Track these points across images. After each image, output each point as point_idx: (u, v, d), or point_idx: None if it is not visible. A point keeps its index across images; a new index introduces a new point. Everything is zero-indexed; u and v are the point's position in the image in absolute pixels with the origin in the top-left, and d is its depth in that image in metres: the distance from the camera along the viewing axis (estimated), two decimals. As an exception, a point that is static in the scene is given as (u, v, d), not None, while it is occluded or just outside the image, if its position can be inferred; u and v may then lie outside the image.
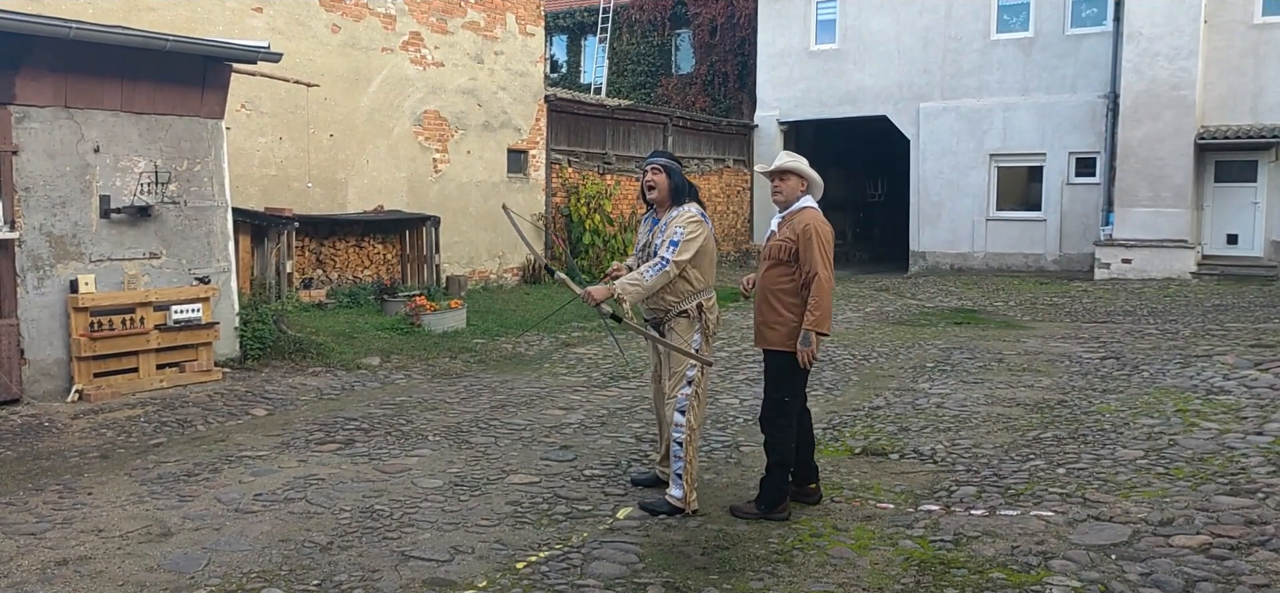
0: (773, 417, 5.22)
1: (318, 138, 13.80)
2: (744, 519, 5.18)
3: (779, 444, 5.19)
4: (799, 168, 5.20)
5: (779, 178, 5.21)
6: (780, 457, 5.18)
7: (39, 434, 7.10)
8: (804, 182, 5.20)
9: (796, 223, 5.09)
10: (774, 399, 5.21)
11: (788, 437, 5.20)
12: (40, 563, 4.59)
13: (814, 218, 5.09)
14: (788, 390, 5.18)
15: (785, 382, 5.16)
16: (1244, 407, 7.53)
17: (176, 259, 9.08)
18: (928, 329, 12.59)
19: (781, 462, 5.19)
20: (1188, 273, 18.14)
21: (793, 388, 5.19)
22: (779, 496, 5.19)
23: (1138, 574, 4.35)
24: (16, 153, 7.98)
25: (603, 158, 19.47)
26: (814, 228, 5.03)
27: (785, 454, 5.19)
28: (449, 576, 4.45)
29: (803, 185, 5.20)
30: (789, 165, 5.21)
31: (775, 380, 5.21)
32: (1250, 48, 18.66)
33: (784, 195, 5.21)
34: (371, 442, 6.89)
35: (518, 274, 17.28)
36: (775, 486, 5.19)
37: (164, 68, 8.83)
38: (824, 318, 5.00)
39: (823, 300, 4.98)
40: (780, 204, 5.25)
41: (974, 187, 21.43)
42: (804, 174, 5.19)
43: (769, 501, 5.20)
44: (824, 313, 4.99)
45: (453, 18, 15.83)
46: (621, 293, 5.07)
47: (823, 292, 4.97)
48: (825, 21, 23.13)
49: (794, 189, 5.19)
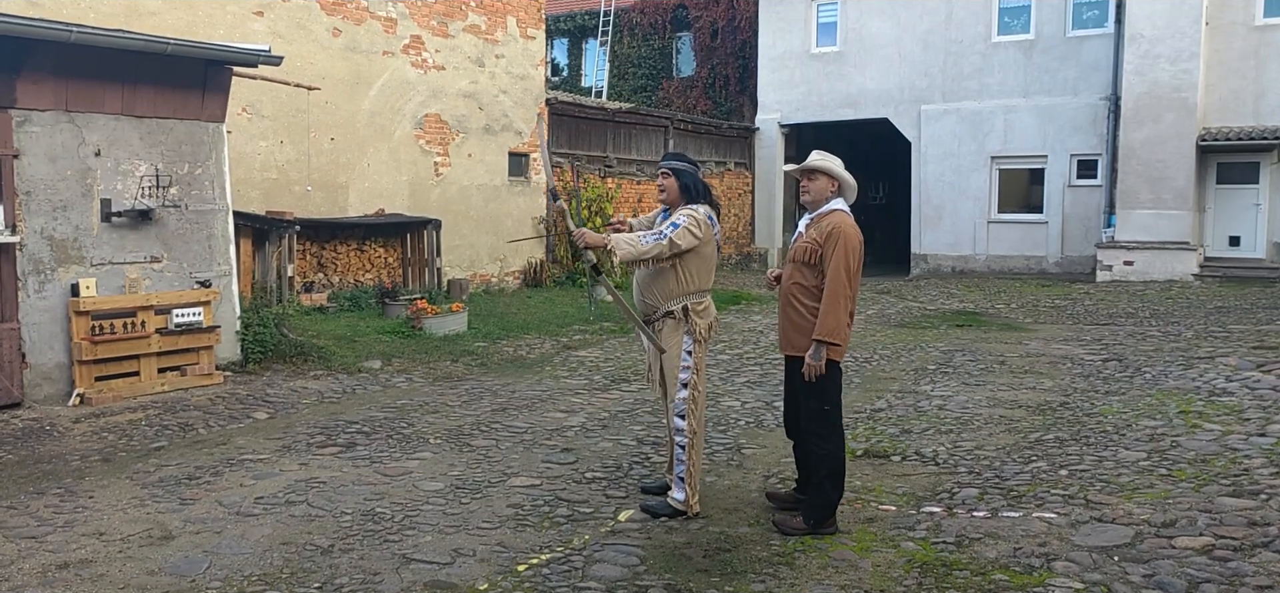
0: (816, 428, 4.96)
1: (319, 141, 13.81)
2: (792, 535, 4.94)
3: (829, 456, 4.94)
4: (830, 167, 4.97)
5: (808, 177, 5.00)
6: (832, 467, 4.94)
7: (40, 438, 7.10)
8: (835, 182, 4.97)
9: (825, 225, 4.87)
10: (813, 409, 4.96)
11: (837, 445, 4.97)
12: (41, 566, 4.59)
13: (842, 222, 4.84)
14: (826, 398, 4.93)
15: (821, 392, 4.91)
16: (1246, 408, 7.51)
17: (178, 263, 9.08)
18: (929, 332, 12.58)
19: (833, 473, 4.95)
20: (1190, 275, 18.12)
21: (830, 395, 4.93)
22: (830, 508, 4.96)
23: (1141, 576, 4.34)
24: (18, 156, 7.98)
25: (604, 161, 19.48)
26: (842, 232, 4.79)
27: (836, 465, 4.95)
28: (450, 579, 4.44)
29: (833, 186, 4.97)
30: (819, 165, 4.98)
31: (810, 389, 4.93)
32: (1251, 50, 18.66)
33: (812, 195, 4.99)
34: (373, 445, 6.88)
35: (519, 278, 17.28)
36: (828, 499, 4.95)
37: (165, 71, 8.83)
38: (836, 330, 4.75)
39: (835, 310, 4.74)
40: (809, 205, 5.03)
41: (975, 189, 21.43)
42: (835, 174, 4.97)
43: (819, 516, 4.96)
44: (836, 325, 4.75)
45: (454, 21, 15.84)
46: (614, 245, 4.96)
47: (836, 301, 4.74)
48: (826, 24, 23.16)
49: (823, 189, 4.97)
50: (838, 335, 4.78)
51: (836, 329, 4.77)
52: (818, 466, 4.99)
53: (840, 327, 4.78)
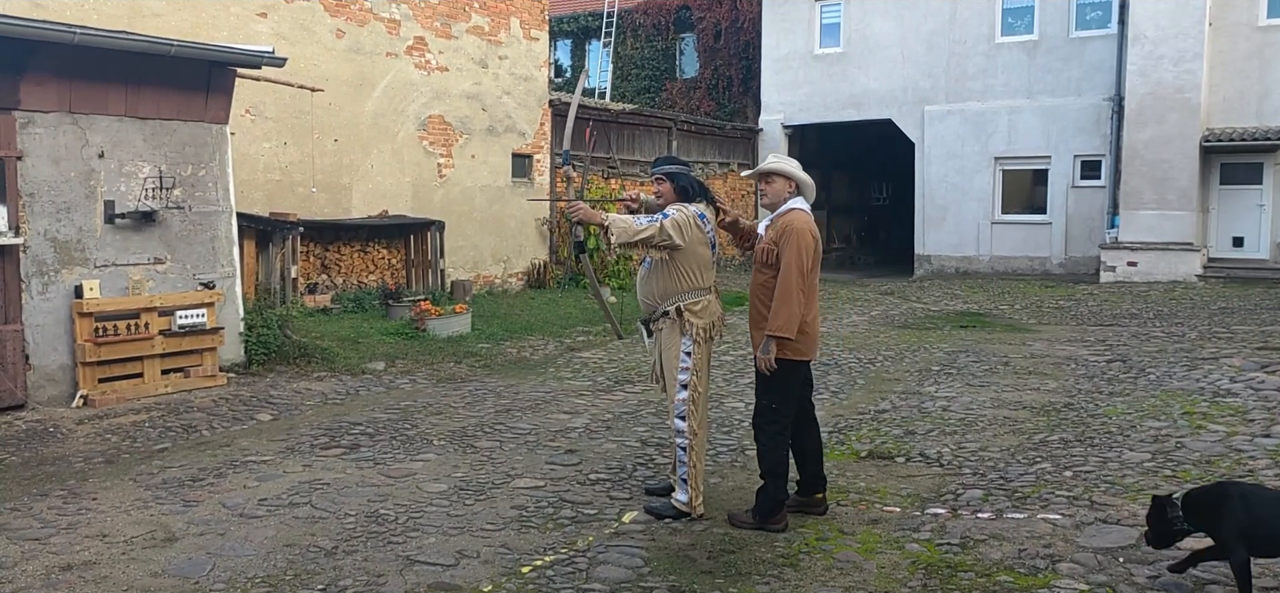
0: (762, 423, 5.11)
1: (322, 143, 13.81)
2: (742, 529, 5.07)
3: (769, 452, 5.07)
4: (784, 169, 5.11)
5: (765, 180, 5.14)
6: (771, 465, 5.05)
7: (44, 440, 7.10)
8: (791, 182, 5.09)
9: (779, 224, 5.00)
10: (761, 405, 5.12)
11: (778, 444, 5.06)
12: (45, 569, 4.59)
13: (795, 220, 4.97)
14: (774, 397, 5.04)
15: (771, 388, 5.03)
16: (1251, 409, 7.50)
17: (181, 264, 9.08)
18: (933, 333, 12.56)
19: (773, 470, 5.05)
20: (1193, 275, 18.09)
21: (780, 394, 5.03)
22: (774, 506, 5.05)
23: (1146, 577, 4.33)
24: (21, 158, 7.99)
25: (607, 162, 19.48)
26: (793, 229, 4.91)
27: (775, 462, 5.05)
28: (454, 580, 4.44)
29: (790, 186, 5.09)
30: (774, 167, 5.12)
31: (761, 385, 5.10)
32: (1255, 50, 18.63)
33: (770, 198, 5.12)
34: (376, 446, 6.88)
35: (522, 279, 17.28)
36: (769, 495, 5.06)
37: (168, 73, 8.84)
38: (786, 324, 4.83)
39: (786, 304, 4.83)
40: (768, 207, 5.16)
41: (979, 190, 21.41)
42: (791, 175, 5.09)
43: (763, 511, 5.07)
44: (786, 321, 4.83)
45: (457, 22, 15.85)
46: (609, 222, 5.01)
47: (787, 295, 4.83)
48: (829, 25, 23.14)
49: (780, 191, 5.09)
50: (788, 330, 4.86)
51: (787, 325, 4.85)
52: (760, 460, 5.12)
53: (791, 322, 4.85)
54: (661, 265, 5.16)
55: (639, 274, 5.37)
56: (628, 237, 4.99)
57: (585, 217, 5.07)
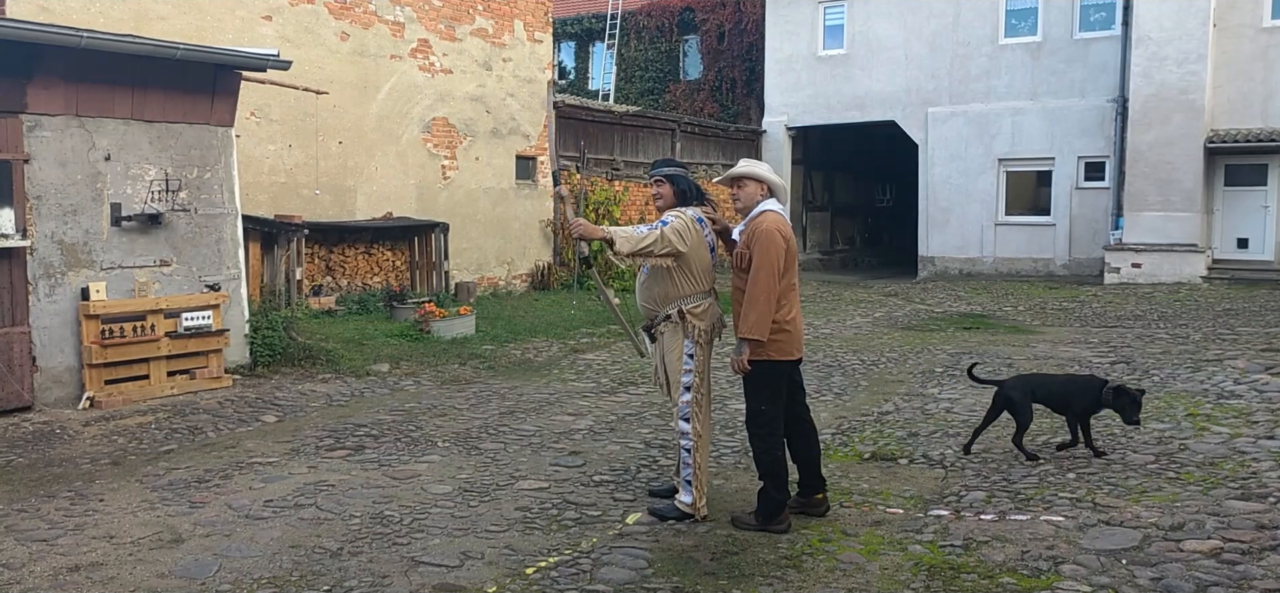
0: (754, 427, 5.15)
1: (327, 145, 13.85)
2: (745, 530, 5.10)
3: (764, 454, 5.10)
4: (755, 172, 5.16)
5: (736, 185, 5.18)
6: (768, 467, 5.09)
7: (51, 441, 7.14)
8: (763, 186, 5.14)
9: (752, 228, 5.04)
10: (752, 409, 5.16)
11: (772, 445, 5.10)
12: (52, 569, 4.62)
13: (766, 221, 4.99)
14: (762, 398, 5.07)
15: (759, 391, 5.07)
16: (1255, 411, 7.49)
17: (187, 266, 9.12)
18: (936, 334, 12.56)
19: (771, 472, 5.08)
20: (1198, 277, 18.07)
21: (766, 395, 5.07)
22: (775, 507, 5.08)
23: (1148, 579, 4.34)
24: (28, 161, 8.03)
25: (611, 164, 19.49)
26: (764, 231, 4.94)
27: (772, 464, 5.08)
28: (459, 581, 4.46)
29: (762, 190, 5.14)
30: (745, 171, 5.18)
31: (745, 389, 5.17)
32: (1260, 51, 18.61)
33: (742, 202, 5.17)
34: (381, 448, 6.90)
35: (526, 281, 17.30)
36: (770, 497, 5.09)
37: (174, 76, 8.88)
38: (756, 325, 4.86)
39: (755, 305, 4.86)
40: (741, 211, 5.20)
41: (982, 191, 21.40)
42: (762, 178, 5.15)
43: (766, 512, 5.10)
44: (756, 320, 4.86)
45: (461, 25, 15.87)
46: (612, 233, 5.04)
47: (756, 296, 4.87)
48: (833, 27, 23.14)
49: (753, 195, 5.13)
50: (759, 332, 4.88)
51: (757, 326, 4.87)
52: (757, 463, 5.15)
53: (762, 323, 4.87)
54: (662, 270, 5.18)
55: (639, 280, 5.40)
56: (632, 246, 5.04)
57: (587, 233, 5.09)
